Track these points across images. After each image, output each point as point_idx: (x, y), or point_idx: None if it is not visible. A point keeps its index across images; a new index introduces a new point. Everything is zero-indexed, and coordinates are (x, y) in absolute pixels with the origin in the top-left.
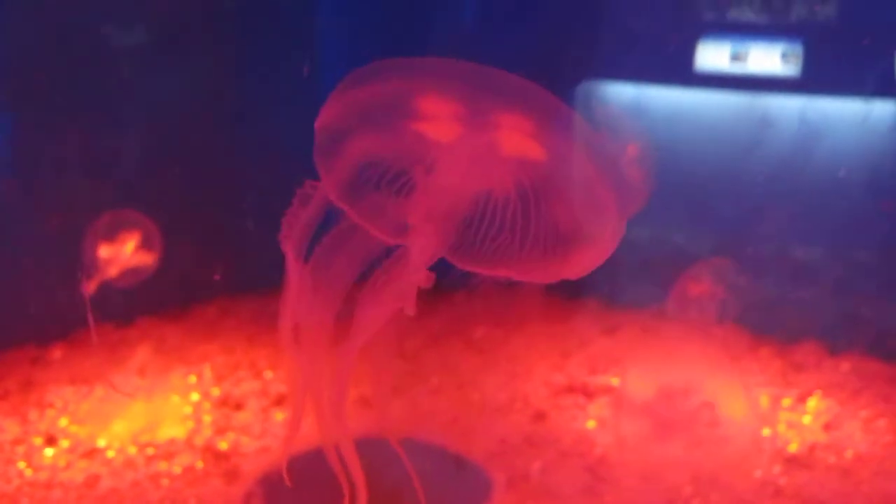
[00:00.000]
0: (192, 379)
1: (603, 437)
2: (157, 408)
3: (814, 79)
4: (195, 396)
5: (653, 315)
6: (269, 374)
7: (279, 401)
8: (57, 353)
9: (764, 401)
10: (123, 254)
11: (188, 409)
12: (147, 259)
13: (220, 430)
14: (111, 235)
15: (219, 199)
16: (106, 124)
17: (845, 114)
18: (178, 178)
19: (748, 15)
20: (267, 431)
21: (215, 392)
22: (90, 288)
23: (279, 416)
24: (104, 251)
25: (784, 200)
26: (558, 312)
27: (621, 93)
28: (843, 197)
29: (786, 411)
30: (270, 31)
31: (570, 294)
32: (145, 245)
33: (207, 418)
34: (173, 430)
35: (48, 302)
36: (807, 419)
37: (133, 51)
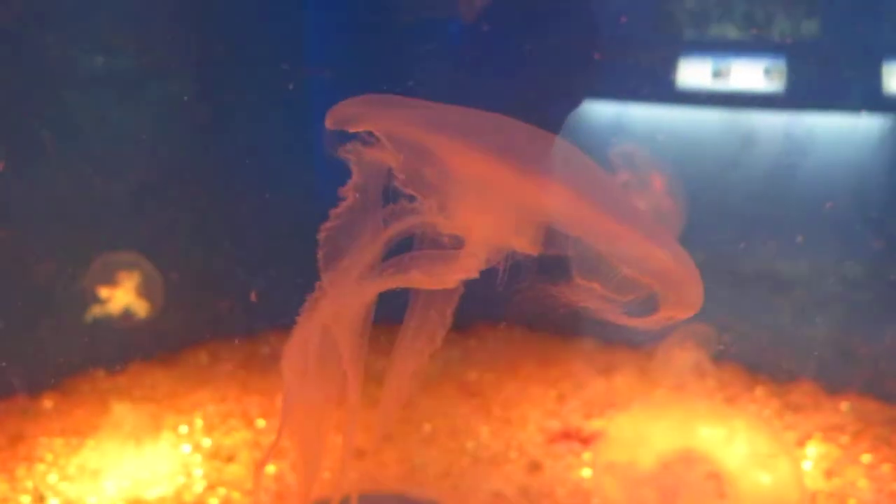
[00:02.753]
0: (184, 429)
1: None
2: (148, 461)
3: (798, 94)
4: (186, 448)
5: (650, 353)
6: (261, 423)
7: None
8: (48, 402)
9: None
10: (119, 297)
11: (179, 463)
12: (142, 302)
13: (212, 485)
14: (106, 279)
15: (210, 243)
16: (88, 162)
17: (830, 129)
18: (169, 221)
19: (730, 31)
20: (258, 486)
21: (206, 443)
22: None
23: (271, 468)
24: (101, 294)
25: (770, 217)
26: (553, 353)
27: (603, 112)
28: (830, 212)
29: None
30: (261, 57)
31: (565, 334)
32: (141, 288)
33: (198, 472)
34: (163, 487)
35: (39, 350)
36: (807, 465)
37: (114, 81)
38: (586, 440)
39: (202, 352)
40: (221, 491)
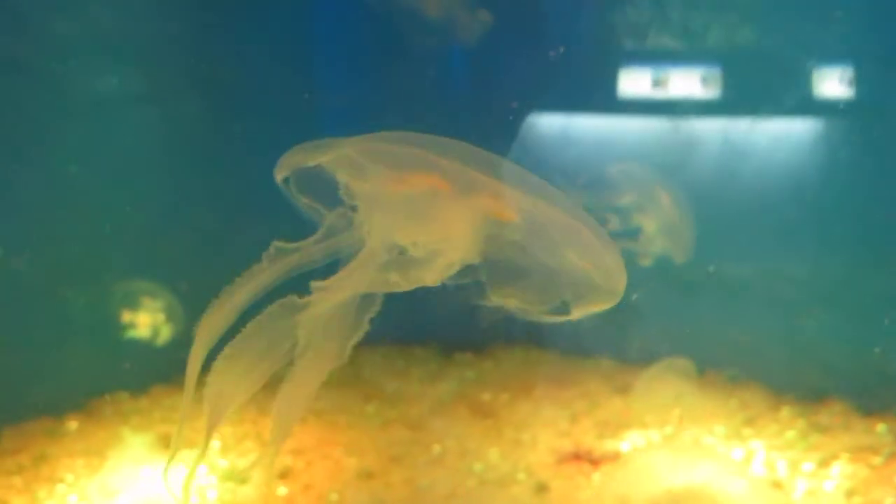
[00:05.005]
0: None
1: None
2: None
3: (734, 100)
4: (202, 469)
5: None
6: None
7: (284, 473)
8: (72, 423)
9: (781, 466)
10: (141, 321)
11: (193, 484)
12: (164, 326)
13: None
14: (129, 304)
15: (229, 267)
16: (111, 187)
17: (766, 133)
18: (189, 246)
19: (667, 42)
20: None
21: (222, 464)
22: None
23: (281, 489)
24: (124, 318)
25: (714, 219)
26: (569, 374)
27: (550, 124)
28: (771, 212)
29: (805, 477)
30: (266, 75)
31: (582, 354)
32: (162, 313)
33: (212, 494)
34: None
35: (65, 373)
36: (828, 486)
37: (133, 106)
38: (597, 461)
39: None
40: None
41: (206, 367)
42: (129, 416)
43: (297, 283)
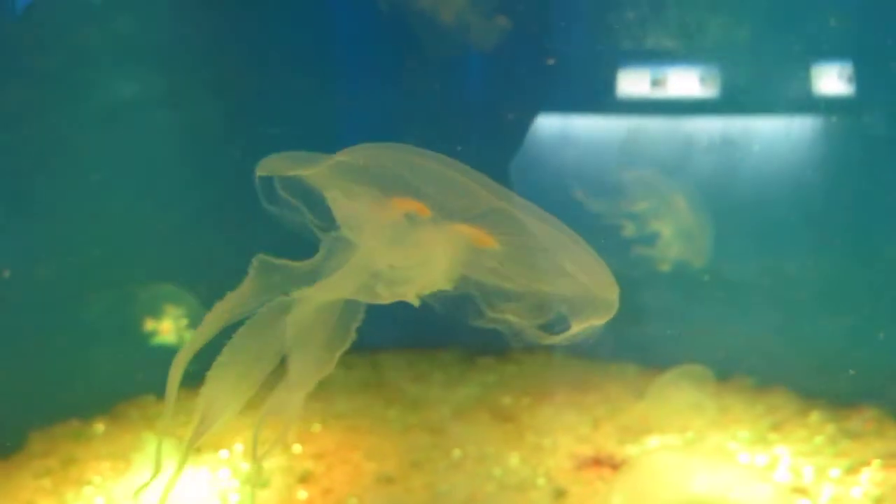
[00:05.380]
0: (224, 454)
1: None
2: (188, 485)
3: (732, 99)
4: (225, 472)
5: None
6: (297, 448)
7: (304, 478)
8: (100, 427)
9: (807, 472)
10: (166, 326)
11: (217, 487)
12: (188, 332)
13: None
14: (153, 309)
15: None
16: (134, 193)
17: (766, 131)
18: (212, 250)
19: (665, 42)
20: None
21: (243, 468)
22: None
23: (301, 493)
24: (148, 324)
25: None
26: (592, 378)
27: (549, 125)
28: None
29: (832, 483)
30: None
31: (606, 359)
32: (186, 318)
33: (234, 497)
34: None
35: (91, 377)
36: (856, 493)
37: (139, 107)
38: (617, 466)
39: None
40: None
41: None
42: (154, 419)
43: None
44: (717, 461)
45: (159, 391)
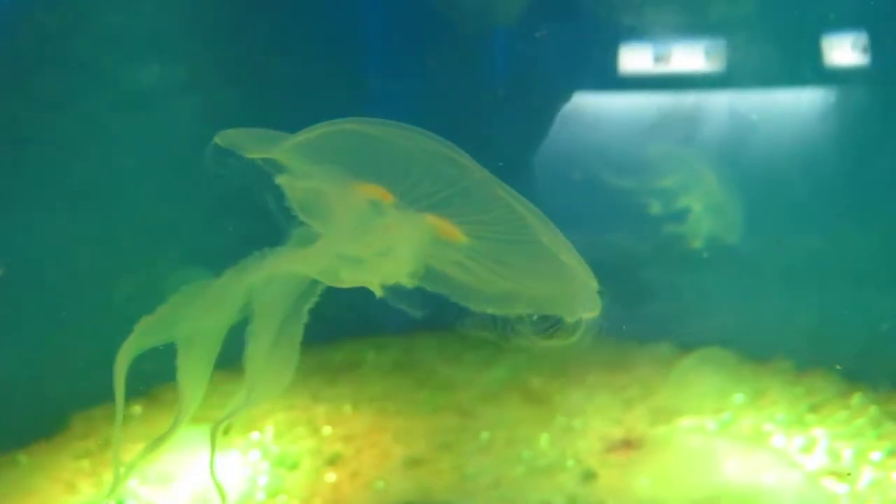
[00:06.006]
0: (255, 436)
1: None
2: (219, 467)
3: (739, 73)
4: (255, 455)
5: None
6: (326, 431)
7: (332, 460)
8: (137, 409)
9: (847, 455)
10: None
11: (247, 469)
12: None
13: (273, 493)
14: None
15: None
16: (165, 178)
17: (774, 105)
18: (244, 234)
19: (668, 16)
20: (316, 493)
21: (274, 450)
22: None
23: (329, 475)
24: None
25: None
26: (625, 359)
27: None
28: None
29: (873, 467)
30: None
31: (639, 339)
32: None
33: (263, 479)
34: (229, 494)
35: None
36: None
37: (181, 95)
38: (648, 449)
39: None
40: (281, 498)
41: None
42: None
43: None
44: (748, 444)
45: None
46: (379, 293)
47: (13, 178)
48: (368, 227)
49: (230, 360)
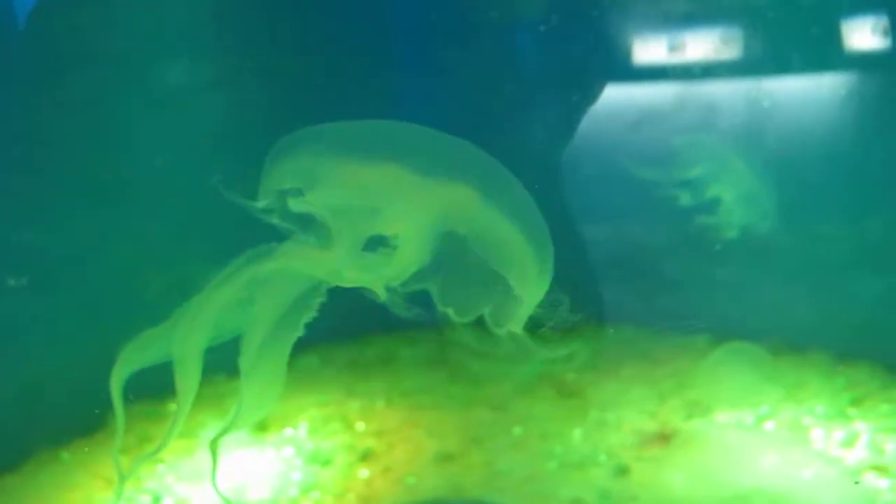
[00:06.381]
0: (289, 432)
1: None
2: (254, 463)
3: (756, 60)
4: (289, 451)
5: (767, 350)
6: (360, 426)
7: (365, 455)
8: (172, 406)
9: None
10: None
11: (280, 465)
12: None
13: (305, 489)
14: None
15: None
16: (196, 176)
17: (793, 91)
18: (263, 231)
19: (681, 5)
20: (348, 489)
21: (308, 446)
22: None
23: (362, 471)
24: None
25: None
26: (661, 352)
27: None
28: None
29: None
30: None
31: (675, 330)
32: None
33: (296, 475)
34: (263, 489)
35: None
36: None
37: (194, 90)
38: (682, 443)
39: (312, 355)
40: (314, 495)
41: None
42: (224, 397)
43: None
44: (786, 439)
45: (230, 370)
46: (383, 295)
47: (46, 177)
48: (387, 203)
49: (237, 368)
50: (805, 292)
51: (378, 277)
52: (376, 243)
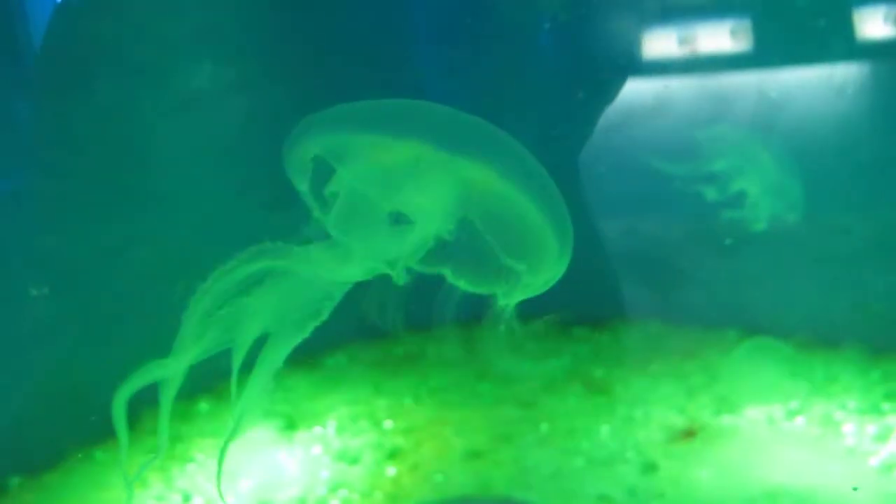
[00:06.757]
0: (318, 430)
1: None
2: (282, 462)
3: (768, 52)
4: (317, 449)
5: (799, 343)
6: (387, 424)
7: (393, 454)
8: (203, 405)
9: None
10: None
11: (309, 464)
12: None
13: (333, 488)
14: None
15: None
16: (219, 180)
17: (806, 82)
18: (287, 233)
19: None
20: (376, 487)
21: (336, 445)
22: None
23: (390, 469)
24: None
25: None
26: (690, 346)
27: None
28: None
29: None
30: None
31: (706, 325)
32: None
33: (324, 473)
34: (292, 488)
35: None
36: None
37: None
38: (710, 438)
39: (341, 354)
40: (342, 493)
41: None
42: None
43: None
44: (817, 434)
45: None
46: (401, 278)
47: (71, 182)
48: (409, 180)
49: (297, 355)
50: (836, 285)
51: (395, 257)
52: (394, 220)
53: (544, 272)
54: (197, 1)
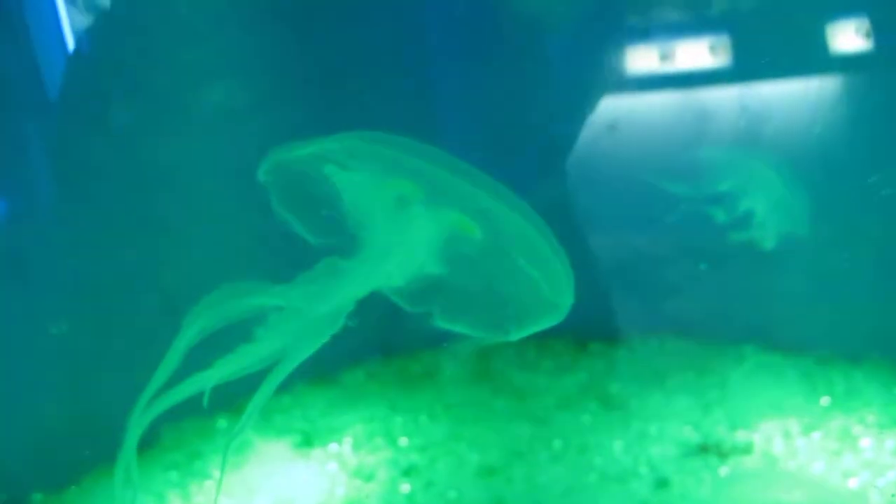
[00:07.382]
0: (333, 447)
1: None
2: (298, 479)
3: (746, 66)
4: (333, 466)
5: (818, 359)
6: (403, 442)
7: (408, 471)
8: (221, 422)
9: None
10: None
11: (324, 481)
12: None
13: None
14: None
15: None
16: (237, 198)
17: (785, 95)
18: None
19: (671, 13)
20: None
21: (352, 462)
22: None
23: (405, 486)
24: None
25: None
26: (706, 362)
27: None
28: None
29: None
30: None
31: (722, 341)
32: None
33: (339, 490)
34: None
35: None
36: None
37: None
38: (726, 454)
39: (359, 370)
40: None
41: None
42: (272, 413)
43: None
44: (834, 448)
45: (278, 388)
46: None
47: (94, 207)
48: (395, 217)
49: (310, 373)
50: (853, 299)
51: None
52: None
53: (535, 322)
54: (213, 26)
